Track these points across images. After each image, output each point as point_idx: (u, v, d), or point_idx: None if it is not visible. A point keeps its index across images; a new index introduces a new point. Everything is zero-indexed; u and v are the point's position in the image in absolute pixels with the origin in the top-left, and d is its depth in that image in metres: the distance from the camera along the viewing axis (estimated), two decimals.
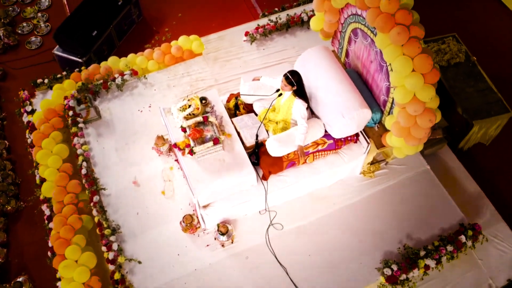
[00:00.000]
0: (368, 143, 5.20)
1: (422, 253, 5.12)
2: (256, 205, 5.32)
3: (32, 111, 6.36)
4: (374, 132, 5.24)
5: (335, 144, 5.16)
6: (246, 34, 6.77)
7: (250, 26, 7.03)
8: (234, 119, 5.18)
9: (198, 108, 5.04)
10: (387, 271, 5.02)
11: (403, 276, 5.03)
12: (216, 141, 4.83)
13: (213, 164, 4.87)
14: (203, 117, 4.96)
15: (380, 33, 4.32)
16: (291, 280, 5.07)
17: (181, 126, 4.97)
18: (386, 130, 5.14)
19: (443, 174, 5.82)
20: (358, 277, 5.12)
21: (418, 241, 5.31)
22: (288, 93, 4.93)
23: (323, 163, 5.23)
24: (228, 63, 6.64)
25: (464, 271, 5.28)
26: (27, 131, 6.22)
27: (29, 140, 6.15)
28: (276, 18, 6.87)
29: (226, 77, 6.49)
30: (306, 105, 4.89)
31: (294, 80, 4.78)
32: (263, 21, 7.02)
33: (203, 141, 4.87)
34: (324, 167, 5.23)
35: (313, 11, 6.89)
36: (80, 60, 6.80)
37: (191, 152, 4.82)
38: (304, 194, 5.53)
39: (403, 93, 4.30)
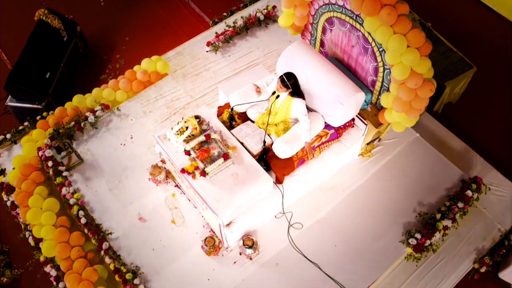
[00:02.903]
0: (365, 124, 5.32)
1: (438, 215, 5.35)
2: (272, 211, 5.30)
3: (2, 172, 5.88)
4: (368, 113, 5.38)
5: (337, 133, 5.25)
6: (208, 44, 6.66)
7: (207, 35, 6.93)
8: (233, 131, 5.10)
9: (196, 128, 4.90)
10: (412, 241, 5.20)
11: (427, 242, 5.23)
12: (226, 156, 4.73)
13: (227, 180, 4.76)
14: (205, 135, 4.83)
15: (368, 17, 4.42)
16: (326, 274, 5.10)
17: (185, 150, 4.81)
18: (378, 109, 5.31)
19: (430, 138, 6.09)
20: (386, 254, 5.25)
21: (430, 206, 5.54)
22: (284, 94, 4.92)
23: (328, 154, 5.30)
24: (198, 76, 6.50)
25: (474, 223, 5.58)
26: (3, 193, 5.74)
27: (8, 203, 5.68)
28: (233, 22, 6.81)
29: (200, 91, 6.36)
30: (305, 102, 4.91)
31: (290, 83, 4.80)
32: (218, 28, 6.94)
33: (212, 160, 4.74)
34: (330, 157, 5.31)
35: (267, 8, 6.95)
36: (39, 106, 6.36)
37: (204, 174, 4.68)
38: (313, 188, 5.56)
39: (401, 69, 4.43)
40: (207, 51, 6.70)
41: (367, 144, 5.79)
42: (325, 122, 5.18)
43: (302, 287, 5.04)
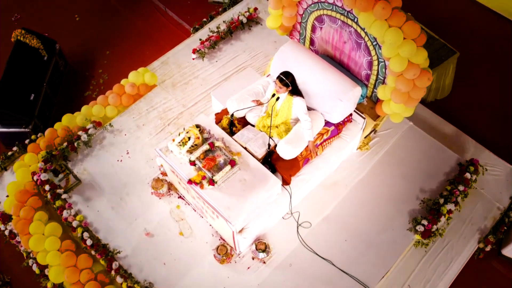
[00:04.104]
0: (363, 118, 5.39)
1: (441, 200, 5.47)
2: (280, 212, 5.30)
3: None
4: (365, 107, 5.44)
5: (337, 129, 5.29)
6: (194, 51, 6.60)
7: (189, 42, 6.88)
8: (235, 137, 5.06)
9: (198, 138, 4.85)
10: (420, 228, 5.29)
11: (434, 227, 5.33)
12: (232, 163, 4.70)
13: (236, 187, 4.73)
14: (209, 144, 4.79)
15: (362, 13, 4.46)
16: (340, 270, 5.14)
17: (190, 160, 4.75)
18: (374, 102, 5.37)
19: (422, 125, 6.21)
20: (395, 244, 5.33)
21: (432, 192, 5.65)
22: (284, 95, 4.93)
23: (331, 150, 5.34)
24: (188, 85, 6.44)
25: (474, 204, 5.72)
26: None
27: (6, 232, 5.51)
28: (217, 27, 6.77)
29: (192, 99, 6.30)
30: (304, 100, 4.93)
31: (289, 81, 4.80)
32: (200, 35, 6.89)
33: (219, 168, 4.71)
34: (332, 154, 5.35)
35: (248, 10, 6.94)
36: (26, 130, 6.17)
37: (212, 182, 4.64)
38: (316, 186, 5.60)
39: (399, 61, 4.49)
40: (193, 59, 6.64)
41: (365, 137, 5.85)
42: (325, 120, 5.21)
43: (318, 284, 5.07)
